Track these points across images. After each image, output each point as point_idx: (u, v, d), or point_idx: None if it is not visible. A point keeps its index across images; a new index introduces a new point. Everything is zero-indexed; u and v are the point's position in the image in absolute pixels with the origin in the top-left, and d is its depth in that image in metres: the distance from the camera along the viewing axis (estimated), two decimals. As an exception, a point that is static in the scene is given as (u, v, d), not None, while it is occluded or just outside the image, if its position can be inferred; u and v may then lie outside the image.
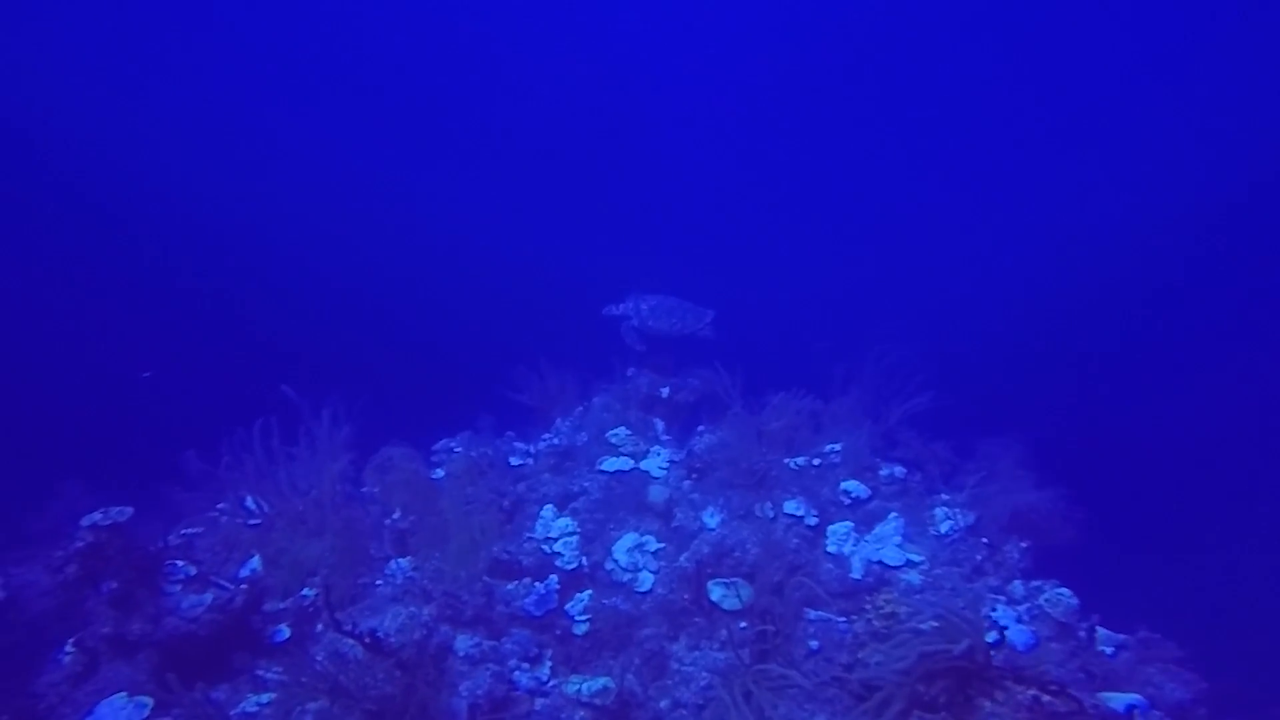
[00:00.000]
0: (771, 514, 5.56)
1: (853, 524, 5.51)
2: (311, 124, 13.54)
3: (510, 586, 5.16)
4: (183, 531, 6.09)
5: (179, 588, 5.48)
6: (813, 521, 5.57)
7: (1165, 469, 7.81)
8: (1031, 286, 12.00)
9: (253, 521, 5.98)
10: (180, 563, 5.70)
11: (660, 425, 7.70)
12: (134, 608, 5.18)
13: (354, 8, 13.75)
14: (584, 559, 5.53)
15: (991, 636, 2.91)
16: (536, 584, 5.11)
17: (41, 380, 8.10)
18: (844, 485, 5.98)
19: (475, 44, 14.40)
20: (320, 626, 5.19)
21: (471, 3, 13.93)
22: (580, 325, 8.23)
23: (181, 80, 12.92)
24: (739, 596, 4.77)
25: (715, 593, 4.89)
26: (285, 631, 5.04)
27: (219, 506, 6.16)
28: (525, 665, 4.69)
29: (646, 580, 5.31)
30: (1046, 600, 4.15)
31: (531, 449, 7.45)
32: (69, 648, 5.07)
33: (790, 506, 5.61)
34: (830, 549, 5.34)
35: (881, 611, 3.13)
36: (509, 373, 8.04)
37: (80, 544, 5.26)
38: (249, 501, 5.99)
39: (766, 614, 4.40)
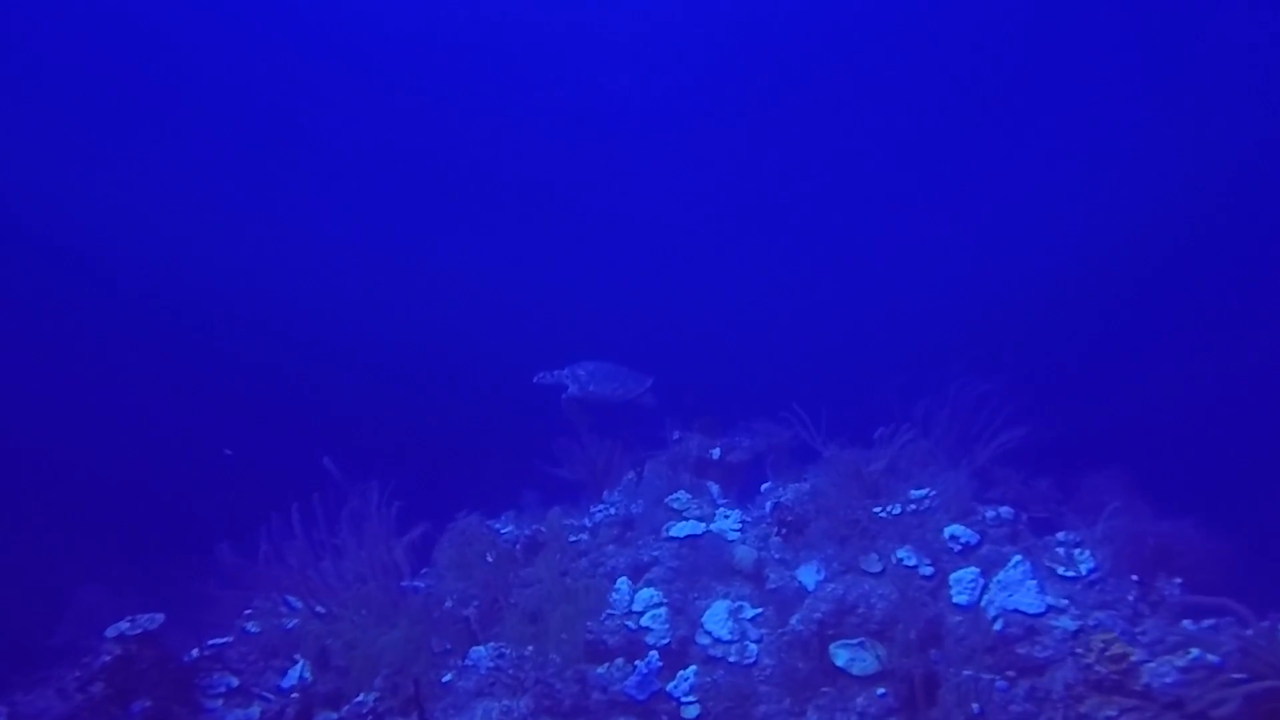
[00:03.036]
0: (879, 567, 5.22)
1: (978, 570, 5.17)
2: (340, 202, 13.84)
3: (601, 670, 4.76)
4: (211, 641, 5.65)
5: (220, 702, 5.07)
6: (927, 571, 5.23)
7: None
8: (1118, 307, 11.91)
9: (293, 623, 5.58)
10: (218, 674, 5.30)
11: (715, 488, 7.44)
12: (171, 728, 4.74)
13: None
14: (673, 633, 5.16)
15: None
16: (638, 663, 4.71)
17: (53, 475, 7.77)
18: (949, 531, 5.66)
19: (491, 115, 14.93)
20: (384, 737, 4.73)
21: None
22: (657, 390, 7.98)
23: (211, 171, 13.28)
24: (876, 657, 4.38)
25: (841, 657, 4.51)
26: (346, 746, 4.58)
27: (253, 605, 5.75)
28: (635, 760, 4.25)
29: (750, 651, 4.91)
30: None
31: (587, 523, 7.12)
32: (100, 782, 4.59)
33: (900, 556, 5.28)
34: (958, 599, 4.98)
35: (1107, 654, 2.80)
36: (548, 446, 7.79)
37: (107, 658, 4.88)
38: (289, 600, 5.59)
39: (909, 677, 4.02)
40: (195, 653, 5.39)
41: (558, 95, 15.00)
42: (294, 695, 4.93)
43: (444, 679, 4.91)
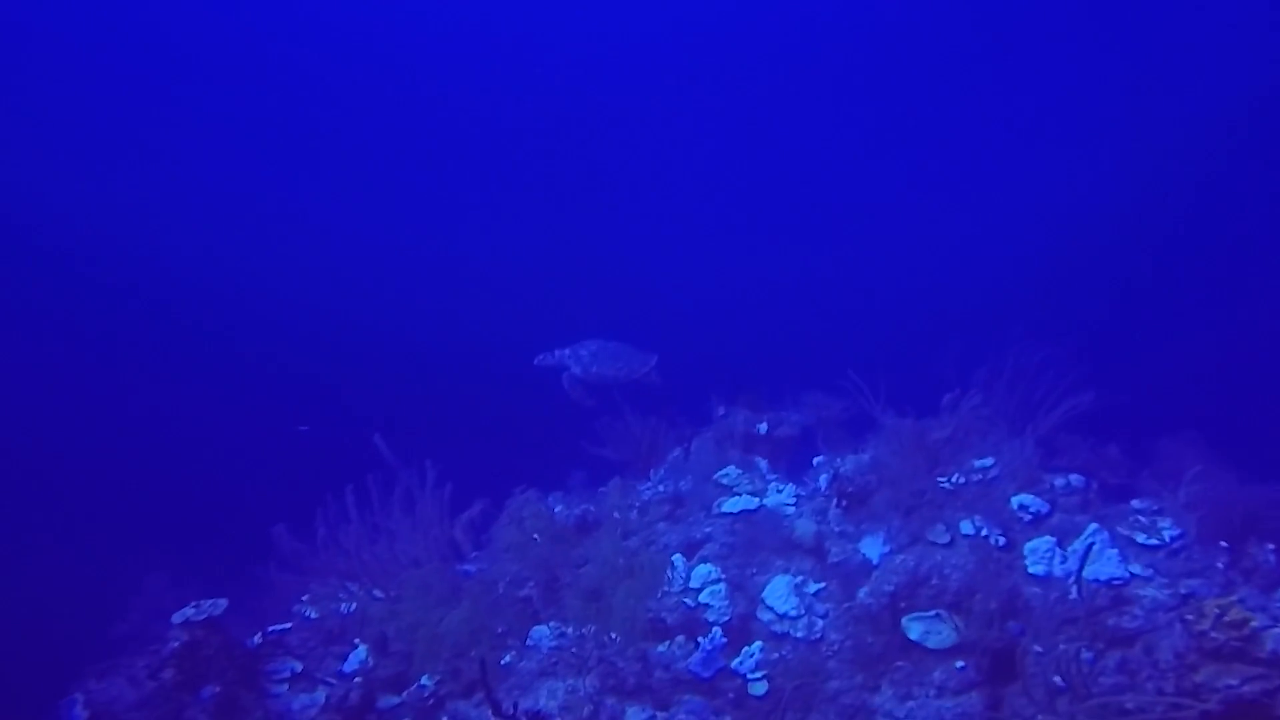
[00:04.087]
0: (948, 538, 5.06)
1: (1055, 540, 4.98)
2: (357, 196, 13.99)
3: (662, 648, 4.69)
4: (272, 627, 5.70)
5: (285, 687, 5.10)
6: (999, 542, 5.06)
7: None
8: (1183, 264, 11.41)
9: (350, 607, 5.59)
10: (280, 659, 5.33)
11: (764, 464, 7.30)
12: (240, 713, 4.79)
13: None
14: (732, 609, 5.08)
15: None
16: (700, 640, 4.63)
17: (117, 466, 7.92)
18: (1018, 500, 5.47)
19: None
20: (445, 720, 4.72)
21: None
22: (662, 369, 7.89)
23: (256, 167, 13.50)
24: (954, 628, 4.24)
25: (915, 630, 4.37)
26: (411, 732, 4.58)
27: (310, 590, 5.78)
28: (707, 738, 4.20)
29: (817, 625, 4.80)
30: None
31: (635, 501, 7.04)
32: (174, 766, 4.64)
33: (967, 527, 5.12)
34: (1034, 570, 4.81)
35: (1225, 620, 2.63)
36: (592, 426, 7.72)
37: (175, 644, 4.94)
38: (347, 584, 5.60)
39: (990, 650, 3.87)
40: (258, 638, 5.44)
41: (577, 74, 14.86)
42: (356, 680, 4.94)
43: (503, 660, 4.88)
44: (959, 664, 4.17)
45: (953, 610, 4.43)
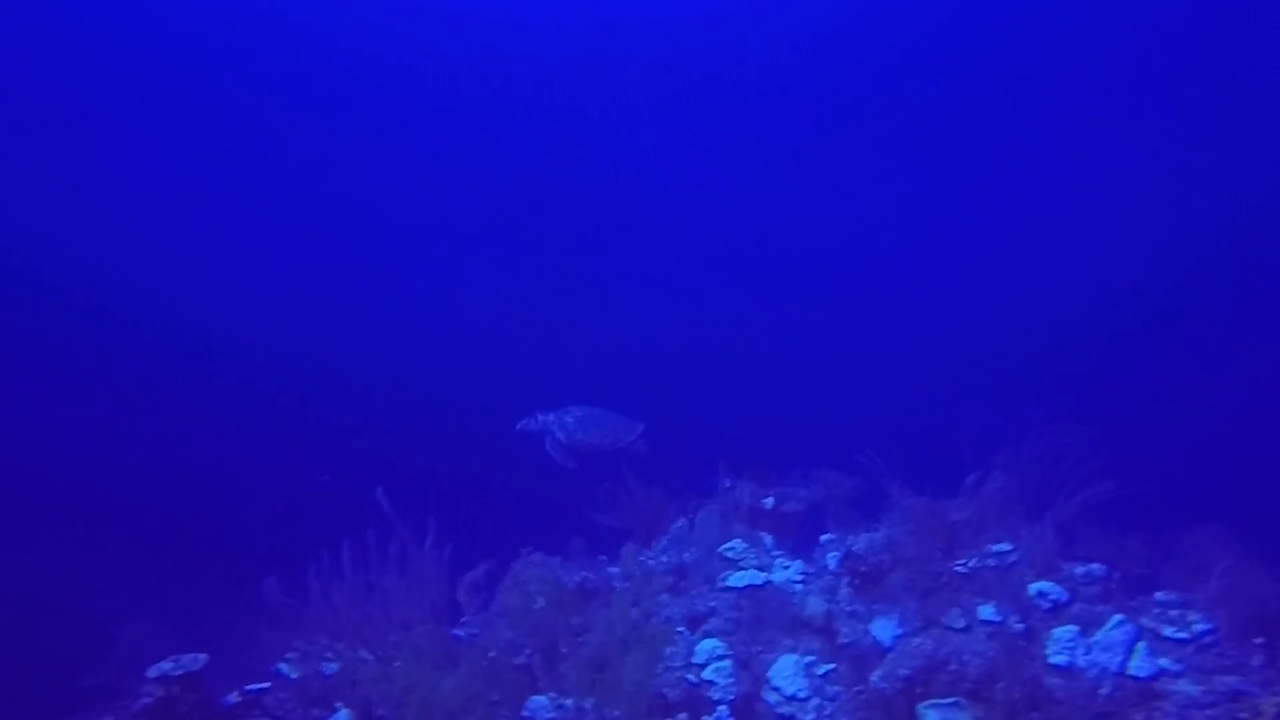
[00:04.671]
0: (963, 622, 4.91)
1: (1078, 629, 4.82)
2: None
3: (664, 727, 4.49)
4: (249, 686, 5.49)
5: (259, 750, 4.87)
6: (1017, 629, 4.90)
7: None
8: (1207, 350, 11.31)
9: (332, 668, 5.40)
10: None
11: (769, 539, 7.18)
12: (210, 777, 4.55)
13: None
14: (737, 688, 4.89)
15: None
16: (705, 719, 4.44)
17: (101, 507, 7.77)
18: (1036, 587, 5.32)
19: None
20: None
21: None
22: (661, 437, 7.87)
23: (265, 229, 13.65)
24: (974, 718, 4.05)
25: (930, 717, 4.17)
26: (395, 803, 4.34)
27: (294, 647, 5.60)
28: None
29: (825, 709, 4.61)
30: None
31: (637, 570, 6.87)
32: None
33: (988, 612, 4.97)
34: (1055, 660, 4.63)
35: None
36: (594, 492, 7.63)
37: (147, 700, 4.75)
38: (334, 644, 5.42)
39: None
40: (235, 696, 5.24)
41: (571, 127, 15.12)
42: (338, 746, 4.72)
43: (495, 733, 4.67)
44: (977, 758, 3.97)
45: (971, 699, 4.24)
